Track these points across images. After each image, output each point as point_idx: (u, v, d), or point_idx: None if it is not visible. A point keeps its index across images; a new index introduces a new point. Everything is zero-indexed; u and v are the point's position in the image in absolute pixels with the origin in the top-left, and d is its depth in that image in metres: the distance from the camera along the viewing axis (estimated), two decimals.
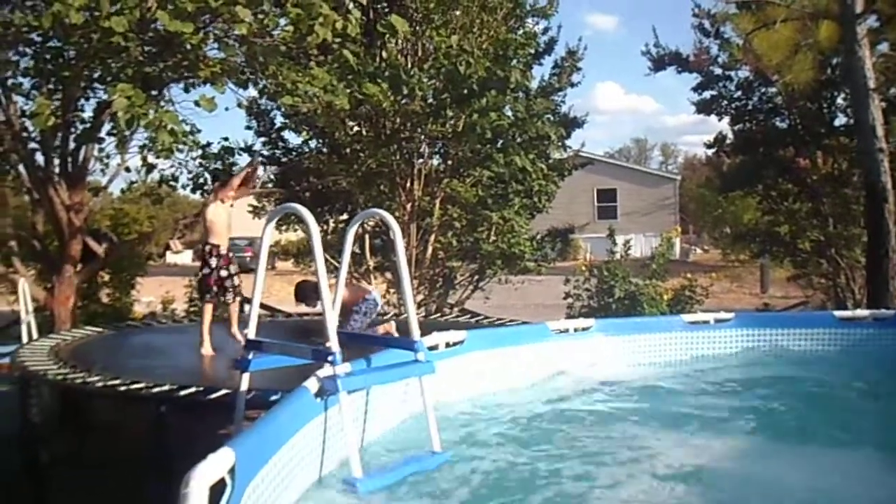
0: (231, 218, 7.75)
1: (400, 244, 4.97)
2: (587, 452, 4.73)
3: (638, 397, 6.27)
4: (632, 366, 7.19)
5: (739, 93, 16.64)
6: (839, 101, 15.55)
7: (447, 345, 5.91)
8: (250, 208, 13.57)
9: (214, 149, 11.65)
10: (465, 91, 10.94)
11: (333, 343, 4.42)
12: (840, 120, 15.75)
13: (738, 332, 7.81)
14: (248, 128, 13.82)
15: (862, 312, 8.34)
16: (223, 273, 7.51)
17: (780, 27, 11.18)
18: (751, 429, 5.40)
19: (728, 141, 17.34)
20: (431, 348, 5.76)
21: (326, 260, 8.97)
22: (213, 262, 7.40)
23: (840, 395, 6.53)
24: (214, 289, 7.42)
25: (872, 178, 10.57)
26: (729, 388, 6.63)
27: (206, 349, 7.46)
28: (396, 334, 7.14)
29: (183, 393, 5.83)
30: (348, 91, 9.32)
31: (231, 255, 7.74)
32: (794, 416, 5.90)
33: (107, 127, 10.23)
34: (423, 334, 5.05)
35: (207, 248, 7.51)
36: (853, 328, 7.85)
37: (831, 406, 6.23)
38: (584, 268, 12.08)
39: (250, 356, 5.06)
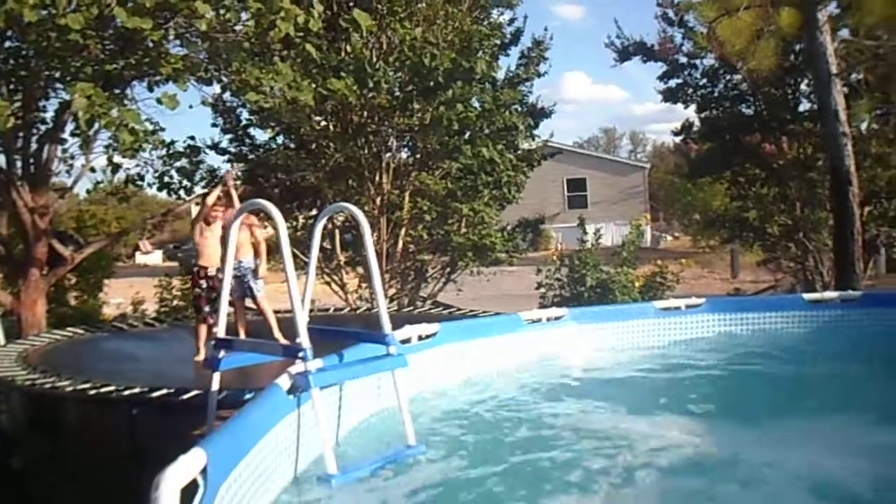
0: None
1: (368, 238, 4.94)
2: (563, 441, 4.74)
3: (611, 385, 6.31)
4: (605, 354, 7.21)
5: (705, 80, 16.72)
6: (803, 86, 15.69)
7: (420, 338, 5.89)
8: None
9: (180, 147, 11.51)
10: (431, 83, 10.91)
11: (304, 339, 4.38)
12: (804, 105, 15.92)
13: (710, 317, 7.86)
14: (215, 125, 13.71)
15: (830, 294, 8.42)
16: (213, 294, 7.46)
17: (743, 14, 11.24)
18: (724, 411, 5.46)
19: (695, 128, 17.45)
20: (404, 342, 5.74)
21: (295, 256, 8.92)
22: (203, 283, 7.35)
23: (810, 376, 6.61)
24: (206, 308, 7.37)
25: (836, 162, 10.69)
26: (702, 373, 6.67)
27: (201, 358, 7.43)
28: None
29: (155, 395, 5.77)
30: (313, 86, 9.24)
31: (220, 274, 7.64)
32: (765, 398, 5.97)
33: (70, 127, 10.08)
34: (395, 327, 5.03)
35: (195, 269, 7.49)
36: (822, 310, 7.94)
37: (802, 386, 6.31)
38: (555, 257, 12.08)
39: (220, 355, 5.02)
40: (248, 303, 7.38)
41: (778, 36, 11.75)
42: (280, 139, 13.32)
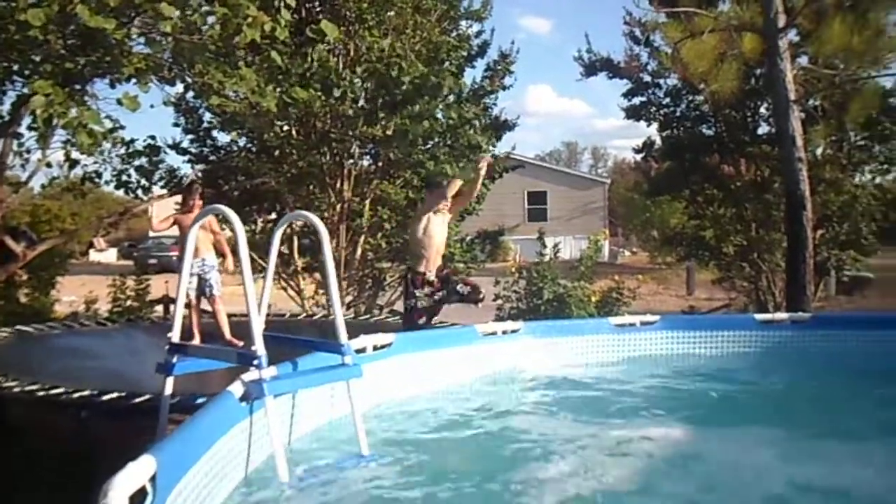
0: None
1: (326, 246, 4.94)
2: (515, 453, 4.78)
3: (565, 399, 6.37)
4: (560, 368, 7.27)
5: (668, 100, 16.92)
6: (762, 110, 15.95)
7: (375, 348, 5.89)
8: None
9: (140, 145, 11.34)
10: (399, 96, 10.91)
11: (259, 346, 4.38)
12: (763, 129, 16.16)
13: (663, 335, 7.98)
14: (176, 125, 13.56)
15: (781, 315, 8.59)
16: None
17: (707, 37, 11.44)
18: (673, 427, 5.51)
19: (656, 146, 17.67)
20: (359, 351, 5.75)
21: (254, 260, 8.87)
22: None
23: (759, 396, 6.73)
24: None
25: (791, 187, 10.89)
26: (654, 390, 6.78)
27: None
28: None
29: (106, 398, 5.69)
30: (277, 93, 9.17)
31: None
32: (713, 416, 6.05)
33: (27, 121, 9.89)
34: (351, 336, 5.03)
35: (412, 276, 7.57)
36: (772, 331, 8.10)
37: (750, 405, 6.41)
38: (513, 269, 12.13)
39: (174, 360, 4.98)
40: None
41: (740, 60, 11.98)
42: (242, 142, 13.20)
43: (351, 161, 12.40)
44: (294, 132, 11.95)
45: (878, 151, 15.63)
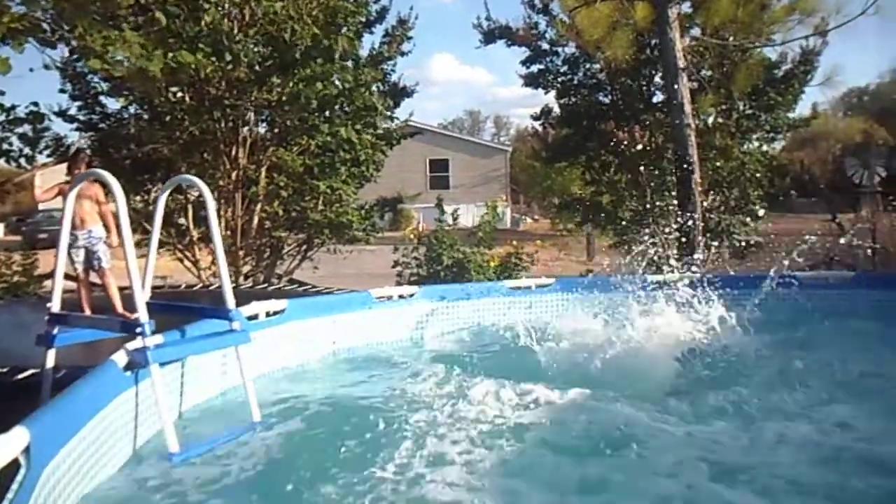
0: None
1: (212, 210, 4.85)
2: (406, 414, 4.80)
3: (460, 360, 6.39)
4: (455, 331, 7.35)
5: (565, 68, 17.10)
6: (657, 79, 16.29)
7: (267, 314, 5.83)
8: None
9: (22, 112, 10.81)
10: (291, 59, 10.72)
11: (143, 314, 4.28)
12: (657, 97, 16.47)
13: (559, 296, 8.14)
14: (63, 91, 12.98)
15: (671, 276, 8.84)
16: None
17: (601, 5, 11.63)
18: (571, 384, 5.60)
19: (554, 114, 17.87)
20: (251, 318, 5.68)
21: (146, 230, 8.60)
22: None
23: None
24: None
25: (681, 151, 11.23)
26: (550, 349, 6.86)
27: None
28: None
29: None
30: (165, 57, 8.85)
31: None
32: (603, 370, 6.17)
33: None
34: (245, 303, 4.97)
35: None
36: (664, 291, 8.33)
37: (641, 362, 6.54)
38: (412, 237, 12.16)
39: (55, 331, 4.82)
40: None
41: (632, 28, 12.22)
42: (133, 109, 12.76)
43: (246, 128, 12.14)
44: (187, 98, 11.60)
45: (765, 120, 16.19)
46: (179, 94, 11.64)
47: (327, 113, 11.85)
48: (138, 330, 4.25)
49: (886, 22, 10.49)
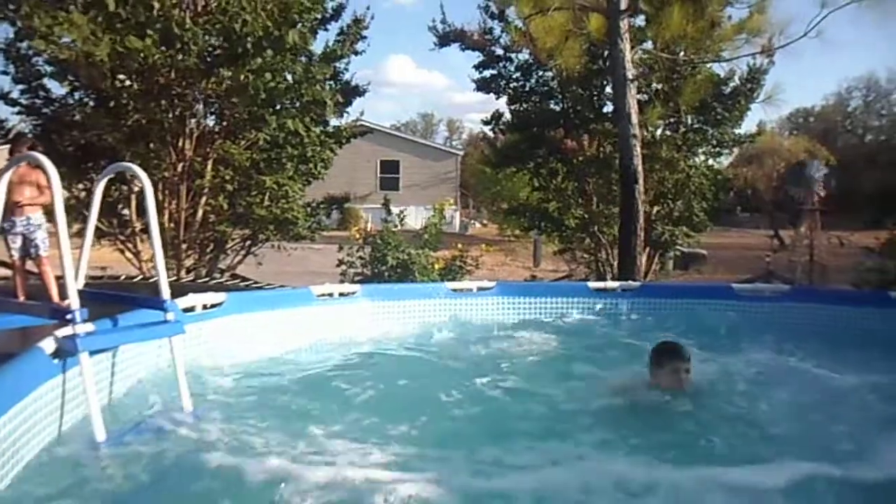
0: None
1: (150, 199, 4.78)
2: (337, 414, 4.80)
3: (396, 360, 6.43)
4: (395, 330, 7.35)
5: (518, 74, 17.20)
6: (608, 89, 16.48)
7: (205, 307, 5.78)
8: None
9: None
10: (241, 50, 10.63)
11: (74, 301, 4.21)
12: (608, 107, 16.67)
13: (500, 300, 8.22)
14: (5, 73, 12.66)
15: (612, 284, 8.99)
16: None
17: (555, 14, 11.72)
18: (509, 384, 5.66)
19: (504, 119, 17.96)
20: (188, 310, 5.63)
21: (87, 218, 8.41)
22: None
23: (586, 355, 6.98)
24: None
25: (626, 161, 11.39)
26: (489, 351, 6.91)
27: None
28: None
29: None
30: (113, 42, 8.72)
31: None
32: (539, 374, 6.25)
33: None
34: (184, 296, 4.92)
35: None
36: (604, 297, 8.50)
37: (576, 362, 6.61)
38: (357, 236, 12.12)
39: None
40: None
41: (585, 38, 12.37)
42: (78, 94, 12.50)
43: (194, 120, 11.99)
44: (135, 86, 11.40)
45: (711, 135, 16.49)
46: (128, 82, 11.45)
47: (277, 106, 11.77)
48: (69, 317, 4.17)
49: (826, 46, 10.77)
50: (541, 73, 16.89)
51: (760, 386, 5.70)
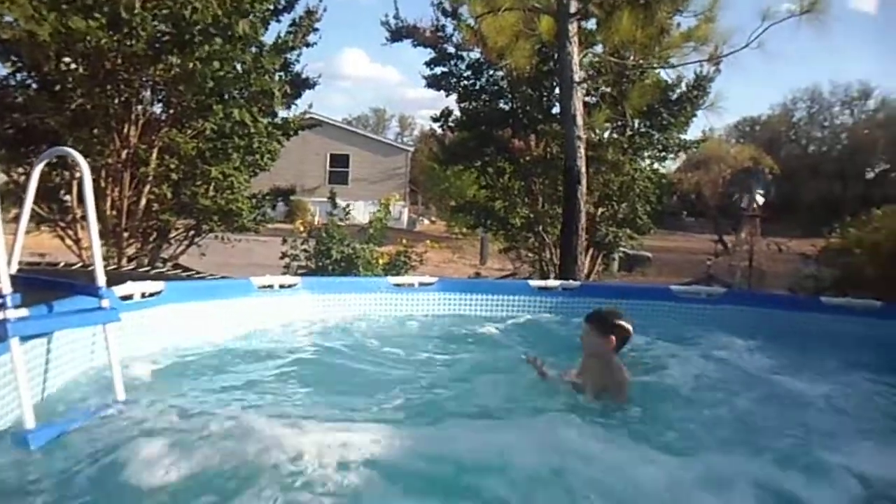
0: None
1: (88, 183, 4.74)
2: (272, 400, 4.83)
3: (337, 354, 6.44)
4: (335, 324, 7.38)
5: (469, 73, 17.30)
6: (557, 90, 16.67)
7: (143, 295, 5.75)
8: None
9: None
10: (188, 36, 10.54)
11: (6, 285, 4.15)
12: (556, 108, 16.84)
13: (440, 296, 8.31)
14: None
15: (553, 283, 9.14)
16: None
17: (506, 14, 11.84)
18: (429, 381, 5.69)
19: (454, 117, 18.05)
20: (126, 298, 5.60)
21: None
22: None
23: (522, 350, 7.08)
24: None
25: (570, 162, 11.55)
26: (427, 346, 6.98)
27: None
28: None
29: None
30: (58, 22, 8.57)
31: None
32: (474, 364, 6.33)
33: None
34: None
35: None
36: (545, 296, 8.65)
37: (507, 361, 6.71)
38: (301, 229, 12.09)
39: None
40: None
41: (537, 39, 12.53)
42: (20, 76, 12.25)
43: (140, 106, 11.85)
44: (80, 69, 11.22)
45: (657, 139, 16.80)
46: (73, 65, 11.27)
47: (224, 95, 11.70)
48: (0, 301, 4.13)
49: (769, 57, 11.07)
50: (491, 72, 17.01)
51: (693, 382, 5.85)
